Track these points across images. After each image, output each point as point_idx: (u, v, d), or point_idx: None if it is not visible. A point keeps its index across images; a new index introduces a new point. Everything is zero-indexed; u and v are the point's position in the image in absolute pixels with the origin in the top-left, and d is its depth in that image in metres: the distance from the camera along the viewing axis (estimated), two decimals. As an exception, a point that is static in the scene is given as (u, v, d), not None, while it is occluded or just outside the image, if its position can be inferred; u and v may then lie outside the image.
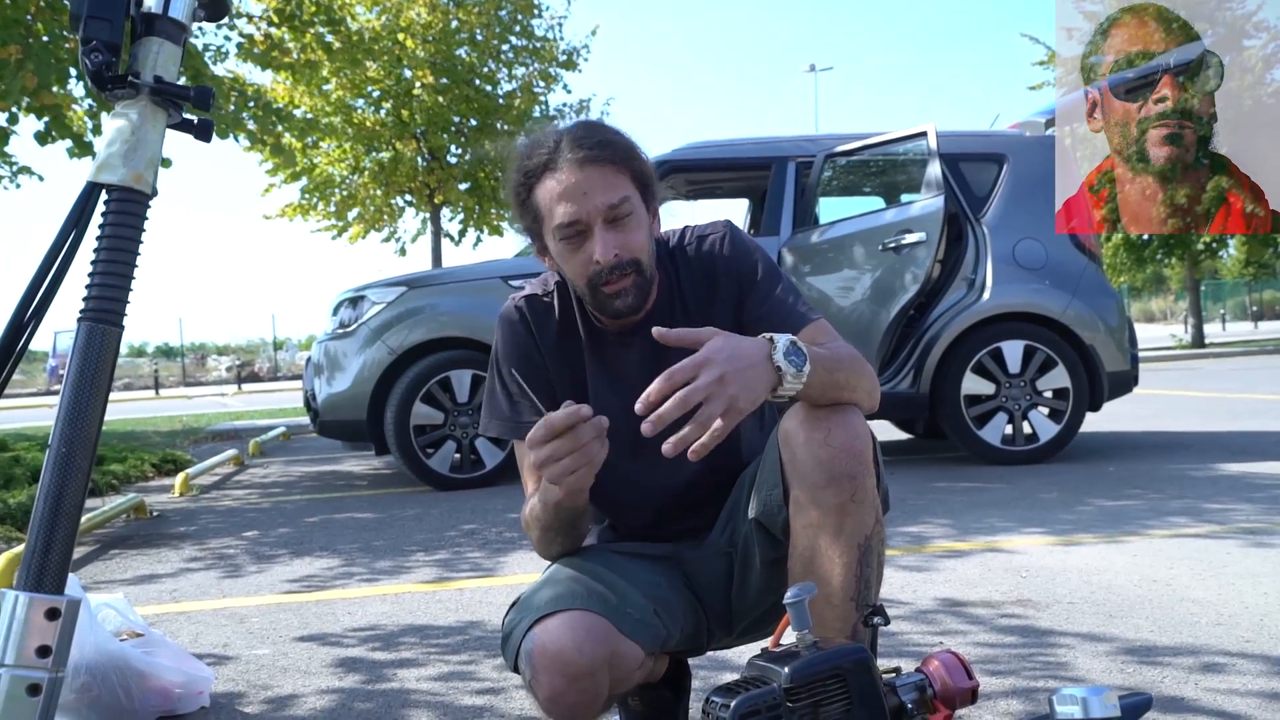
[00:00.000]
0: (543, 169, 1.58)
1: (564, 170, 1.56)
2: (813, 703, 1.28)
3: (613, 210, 1.55)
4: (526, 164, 1.61)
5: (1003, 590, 2.91)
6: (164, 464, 7.30)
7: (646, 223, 1.62)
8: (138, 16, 1.03)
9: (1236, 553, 3.22)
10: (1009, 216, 5.59)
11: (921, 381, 5.44)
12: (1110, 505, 4.16)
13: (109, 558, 4.17)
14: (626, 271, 1.56)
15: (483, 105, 14.18)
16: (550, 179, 1.57)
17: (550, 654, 1.47)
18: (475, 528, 4.34)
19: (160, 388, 29.03)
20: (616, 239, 1.55)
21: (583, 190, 1.54)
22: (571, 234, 1.56)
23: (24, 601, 0.94)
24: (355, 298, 5.70)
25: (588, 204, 1.54)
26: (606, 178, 1.56)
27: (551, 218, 1.57)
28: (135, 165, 1.01)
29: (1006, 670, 2.22)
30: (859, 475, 1.45)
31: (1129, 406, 7.24)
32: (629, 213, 1.57)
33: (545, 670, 1.47)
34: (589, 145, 1.57)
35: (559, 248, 1.59)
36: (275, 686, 2.39)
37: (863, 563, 1.47)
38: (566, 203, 1.55)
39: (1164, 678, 2.13)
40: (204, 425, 11.63)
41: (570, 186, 1.55)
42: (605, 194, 1.55)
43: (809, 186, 5.81)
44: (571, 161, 1.56)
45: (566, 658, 1.46)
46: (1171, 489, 4.47)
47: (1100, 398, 5.53)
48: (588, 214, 1.55)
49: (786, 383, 1.36)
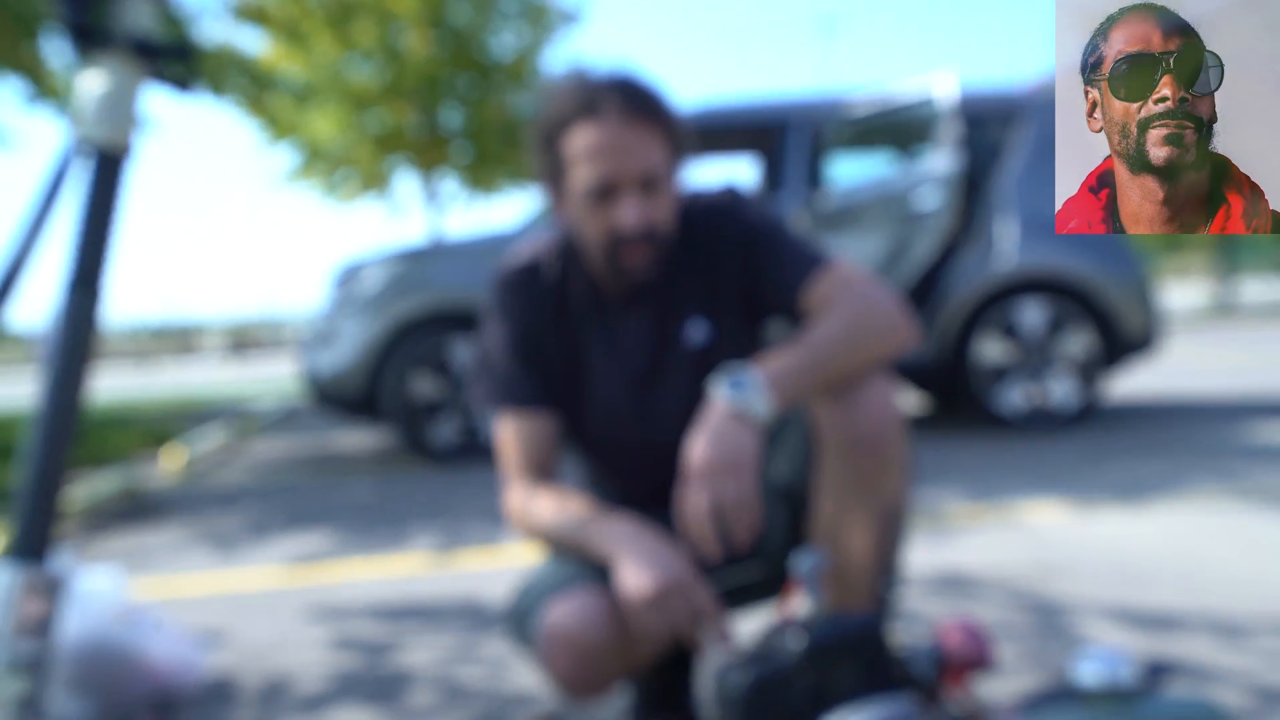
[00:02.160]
0: (577, 113, 1.52)
1: (605, 122, 1.51)
2: (826, 671, 1.29)
3: (647, 175, 1.52)
4: (561, 105, 1.54)
5: (1021, 559, 2.92)
6: (156, 440, 7.33)
7: (673, 193, 1.59)
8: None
9: (1262, 518, 3.22)
10: (1028, 175, 5.56)
11: (936, 347, 5.43)
12: (1131, 471, 4.16)
13: (102, 534, 4.19)
14: (650, 241, 1.54)
15: (479, 66, 14.07)
16: (588, 128, 1.51)
17: (565, 635, 1.48)
18: (476, 502, 4.36)
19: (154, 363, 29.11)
20: (646, 207, 1.53)
21: (621, 148, 1.50)
22: (600, 192, 1.52)
23: (12, 573, 0.95)
24: (353, 270, 5.70)
25: (625, 165, 1.50)
26: (645, 140, 1.52)
27: (579, 170, 1.53)
28: (114, 125, 1.01)
29: (1024, 641, 2.23)
30: (886, 441, 1.46)
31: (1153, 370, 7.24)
32: (662, 180, 1.54)
33: (559, 651, 1.48)
34: (636, 102, 1.52)
35: (581, 203, 1.55)
36: (272, 665, 2.41)
37: (887, 531, 1.48)
38: (600, 158, 1.50)
39: (1189, 649, 2.13)
40: (199, 401, 11.67)
41: (607, 142, 1.50)
42: (644, 158, 1.51)
43: (820, 145, 5.78)
44: (614, 114, 1.51)
45: (582, 638, 1.47)
46: (1197, 454, 4.47)
47: (1121, 361, 5.52)
48: (620, 176, 1.51)
49: (754, 405, 1.38)
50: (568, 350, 1.69)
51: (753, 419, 1.37)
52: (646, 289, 1.66)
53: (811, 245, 1.63)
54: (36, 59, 5.95)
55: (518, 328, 1.68)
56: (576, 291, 1.69)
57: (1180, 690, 1.89)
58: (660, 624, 1.37)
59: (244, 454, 6.95)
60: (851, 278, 1.56)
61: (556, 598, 1.51)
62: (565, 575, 1.55)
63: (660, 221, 1.56)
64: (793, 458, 1.58)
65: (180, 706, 2.15)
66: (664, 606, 1.36)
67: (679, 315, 1.66)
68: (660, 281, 1.66)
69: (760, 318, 1.67)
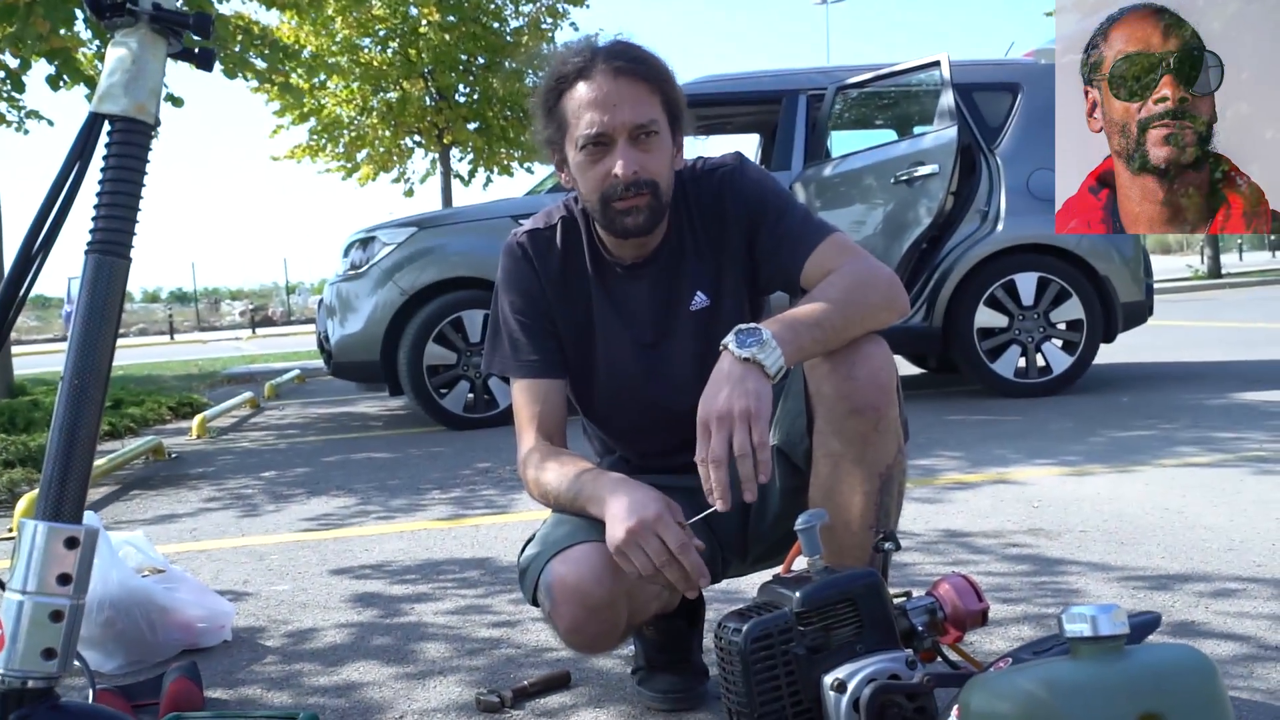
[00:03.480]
0: (576, 75, 1.55)
1: (597, 78, 1.53)
2: (824, 626, 1.30)
3: (640, 129, 1.53)
4: (561, 69, 1.57)
5: (1014, 520, 2.92)
6: (181, 407, 7.37)
7: (670, 150, 1.59)
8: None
9: (1249, 480, 3.22)
10: (1023, 147, 5.51)
11: (934, 315, 5.42)
12: (1122, 436, 4.16)
13: (129, 498, 4.22)
14: (643, 191, 1.54)
15: (490, 42, 13.99)
16: (582, 85, 1.54)
17: (570, 586, 1.49)
18: (489, 465, 4.38)
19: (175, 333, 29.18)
20: (638, 157, 1.53)
21: (613, 102, 1.51)
22: (595, 144, 1.53)
23: (43, 531, 0.95)
24: (366, 239, 5.69)
25: (617, 117, 1.51)
26: (639, 95, 1.53)
27: (577, 126, 1.54)
28: (137, 95, 1.00)
29: (1017, 597, 2.24)
30: (882, 406, 1.46)
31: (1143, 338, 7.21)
32: (655, 134, 1.55)
33: (565, 602, 1.49)
34: (626, 59, 1.54)
35: (579, 157, 1.56)
36: (295, 621, 2.43)
37: (883, 491, 1.48)
38: (595, 111, 1.52)
39: (1175, 602, 2.14)
40: (219, 369, 11.71)
41: (602, 96, 1.52)
42: (635, 111, 1.52)
43: (820, 119, 5.73)
44: (606, 71, 1.53)
45: (586, 589, 1.48)
46: (1184, 419, 4.47)
47: (1114, 329, 5.51)
48: (614, 127, 1.52)
49: (767, 358, 1.36)
50: (577, 316, 1.69)
51: (764, 369, 1.36)
52: (654, 256, 1.66)
53: (814, 218, 1.63)
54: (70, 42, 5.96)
55: (527, 297, 1.68)
56: (584, 259, 1.68)
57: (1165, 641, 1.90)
58: (638, 560, 1.37)
59: (264, 419, 6.98)
60: (851, 250, 1.57)
61: (561, 554, 1.52)
62: (568, 532, 1.55)
63: (655, 172, 1.55)
64: (793, 419, 1.58)
65: (207, 659, 2.17)
66: (638, 544, 1.36)
67: (684, 281, 1.66)
68: (666, 248, 1.66)
69: (762, 286, 1.67)
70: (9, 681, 0.94)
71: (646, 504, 1.39)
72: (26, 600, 0.94)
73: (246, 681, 2.04)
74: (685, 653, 1.82)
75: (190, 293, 39.37)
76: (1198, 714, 0.98)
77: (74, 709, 0.97)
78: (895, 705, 1.24)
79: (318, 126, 14.21)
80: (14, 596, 0.95)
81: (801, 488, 1.54)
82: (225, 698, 1.96)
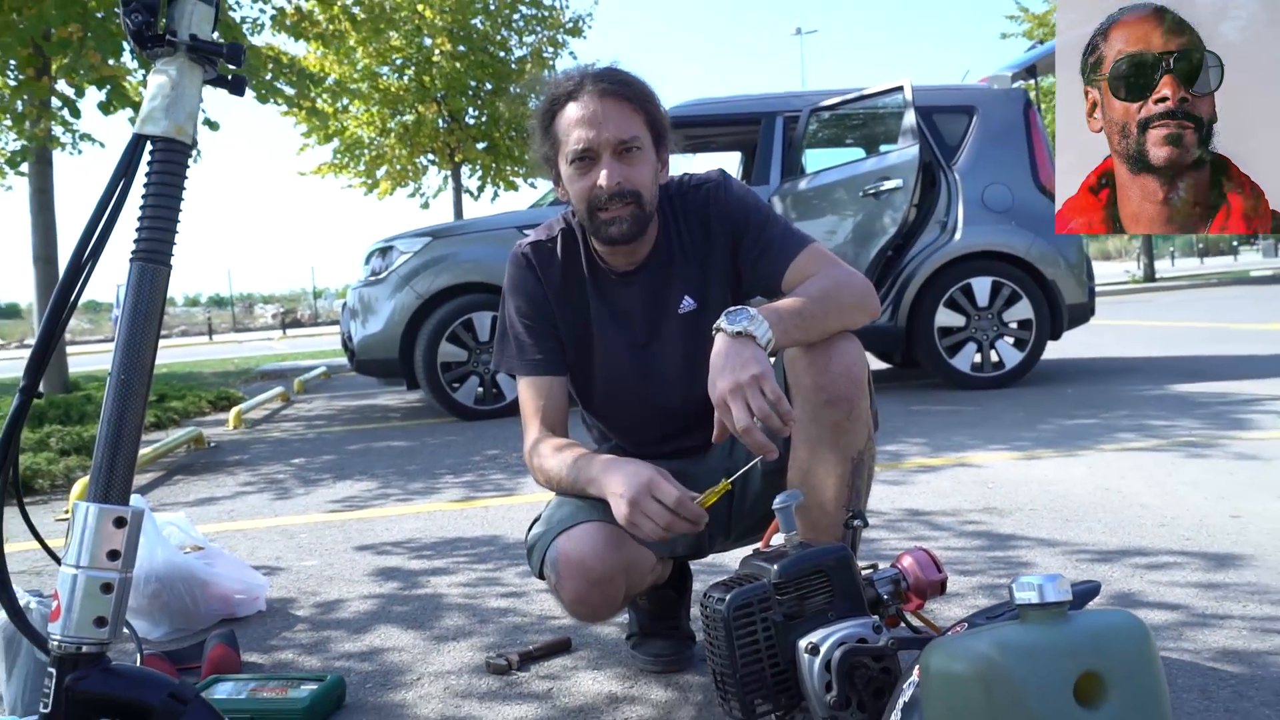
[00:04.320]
0: (567, 97, 1.56)
1: (585, 99, 1.54)
2: (799, 595, 1.30)
3: (623, 144, 1.53)
4: (553, 92, 1.58)
5: (971, 500, 2.93)
6: (219, 401, 7.34)
7: (653, 165, 1.59)
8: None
9: (1180, 463, 3.23)
10: (978, 164, 5.52)
11: (899, 315, 5.43)
12: (1068, 423, 4.17)
13: (172, 483, 4.21)
14: (626, 201, 1.54)
15: (497, 70, 13.96)
16: (572, 106, 1.55)
17: (574, 561, 1.49)
18: (497, 453, 4.37)
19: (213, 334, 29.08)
20: (622, 170, 1.53)
21: (599, 120, 1.52)
22: (583, 159, 1.54)
23: (94, 512, 0.95)
24: (385, 248, 5.68)
25: (602, 134, 1.52)
26: (623, 113, 1.54)
27: (567, 142, 1.55)
28: (176, 117, 1.00)
29: (974, 569, 2.25)
30: (854, 397, 1.46)
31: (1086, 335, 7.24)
32: (638, 149, 1.55)
33: (569, 576, 1.49)
34: (611, 81, 1.55)
35: (569, 171, 1.57)
36: (323, 593, 2.43)
37: (855, 474, 1.48)
38: (582, 128, 1.53)
39: (1114, 573, 2.15)
40: (253, 366, 11.68)
41: (589, 114, 1.53)
42: (619, 127, 1.53)
43: (796, 139, 5.74)
44: (592, 92, 1.54)
45: (588, 564, 1.48)
46: (1123, 408, 4.48)
47: (1060, 328, 5.52)
48: (599, 142, 1.52)
49: (757, 329, 1.36)
50: (576, 319, 1.69)
51: (756, 339, 1.36)
52: (645, 263, 1.65)
53: (793, 230, 1.63)
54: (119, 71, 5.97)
55: (532, 302, 1.68)
56: (582, 267, 1.68)
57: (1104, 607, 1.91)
58: (646, 526, 1.37)
59: (294, 412, 6.96)
60: (828, 258, 1.57)
61: (566, 532, 1.52)
62: (570, 513, 1.56)
63: (637, 183, 1.55)
64: None
65: (244, 627, 2.16)
66: (641, 512, 1.36)
67: (673, 287, 1.66)
68: (656, 257, 1.66)
69: (745, 292, 1.67)
70: (65, 646, 0.94)
71: (639, 473, 1.40)
72: (80, 574, 0.94)
73: (279, 647, 2.04)
74: (675, 620, 1.82)
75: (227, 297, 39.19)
76: (1132, 672, 0.99)
77: (124, 671, 0.97)
78: (863, 666, 1.24)
79: (341, 146, 14.15)
80: (69, 570, 0.95)
81: (780, 471, 1.54)
82: (260, 662, 1.96)
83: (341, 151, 14.22)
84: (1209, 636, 1.75)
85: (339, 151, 14.21)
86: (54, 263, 6.87)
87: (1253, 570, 2.10)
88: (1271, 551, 2.22)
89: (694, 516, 1.37)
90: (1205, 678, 1.58)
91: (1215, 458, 3.28)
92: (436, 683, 1.79)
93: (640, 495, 1.37)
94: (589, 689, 1.72)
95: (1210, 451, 3.38)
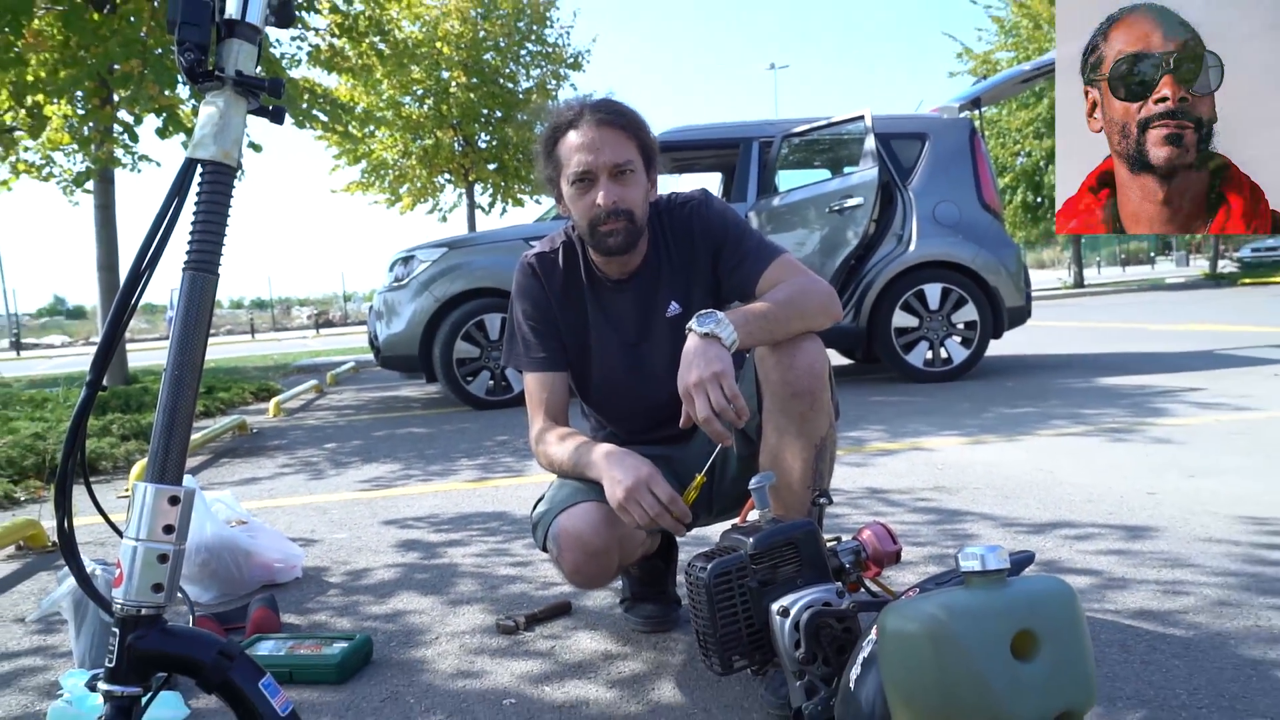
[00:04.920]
0: (568, 125, 1.56)
1: (584, 127, 1.54)
2: (772, 565, 1.30)
3: (618, 168, 1.53)
4: (556, 121, 1.58)
5: (923, 480, 2.94)
6: (260, 392, 7.32)
7: (644, 185, 1.59)
8: (221, 22, 1.01)
9: (1104, 447, 3.25)
10: (930, 184, 5.53)
11: (860, 317, 5.44)
12: (1008, 412, 4.18)
13: (219, 465, 4.20)
14: (620, 218, 1.54)
15: (506, 100, 13.94)
16: (573, 133, 1.55)
17: (573, 536, 1.49)
18: (506, 439, 4.37)
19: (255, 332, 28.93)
20: (617, 190, 1.54)
21: (597, 146, 1.52)
22: (582, 180, 1.54)
23: (151, 491, 0.95)
24: (407, 257, 5.66)
25: (599, 158, 1.52)
26: (618, 140, 1.54)
27: (569, 165, 1.55)
28: (224, 143, 1.00)
29: (925, 540, 2.26)
30: (817, 391, 1.46)
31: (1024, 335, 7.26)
32: (631, 172, 1.55)
33: (569, 549, 1.50)
34: (607, 111, 1.55)
35: (571, 191, 1.57)
36: (352, 562, 2.43)
37: (818, 458, 1.48)
38: (582, 154, 1.53)
39: (1046, 543, 2.16)
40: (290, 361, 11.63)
41: (588, 141, 1.53)
42: (614, 153, 1.53)
43: (770, 161, 5.73)
44: (591, 121, 1.54)
45: (586, 539, 1.48)
46: (1056, 398, 4.50)
47: (1001, 328, 5.53)
48: (597, 166, 1.53)
49: (723, 331, 1.38)
50: (576, 321, 1.69)
51: (721, 340, 1.37)
52: (637, 273, 1.66)
53: (767, 242, 1.63)
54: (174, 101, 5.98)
55: (537, 306, 1.68)
56: (580, 276, 1.69)
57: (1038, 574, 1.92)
58: (636, 513, 1.38)
59: (326, 402, 6.94)
60: (797, 268, 1.57)
61: (566, 510, 1.52)
62: (570, 494, 1.56)
63: (631, 202, 1.55)
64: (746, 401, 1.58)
65: (283, 592, 2.16)
66: (635, 500, 1.38)
67: (661, 293, 1.66)
68: (646, 267, 1.66)
69: (724, 297, 1.67)
70: (127, 609, 0.94)
71: (639, 467, 1.40)
72: (139, 546, 0.94)
73: (314, 610, 2.04)
74: (662, 586, 1.83)
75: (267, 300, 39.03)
76: (1061, 630, 1.00)
77: (178, 631, 0.97)
78: (827, 626, 1.25)
79: (368, 167, 14.09)
80: (129, 543, 0.95)
81: (754, 455, 1.55)
82: (298, 622, 1.96)
83: (369, 171, 14.16)
84: (1127, 598, 1.77)
85: (366, 171, 14.16)
86: (115, 270, 6.83)
87: (1165, 540, 2.12)
88: (1181, 524, 2.24)
89: (682, 515, 1.39)
90: (1124, 634, 1.60)
91: (1134, 442, 3.30)
92: (452, 641, 1.79)
93: (637, 485, 1.38)
94: (586, 647, 1.72)
95: (1130, 436, 3.40)
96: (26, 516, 2.84)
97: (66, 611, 1.72)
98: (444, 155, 14.03)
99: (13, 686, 1.71)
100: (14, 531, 2.66)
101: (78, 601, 1.70)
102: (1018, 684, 0.96)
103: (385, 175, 14.29)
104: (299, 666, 1.63)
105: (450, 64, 13.39)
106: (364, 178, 14.25)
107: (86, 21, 5.73)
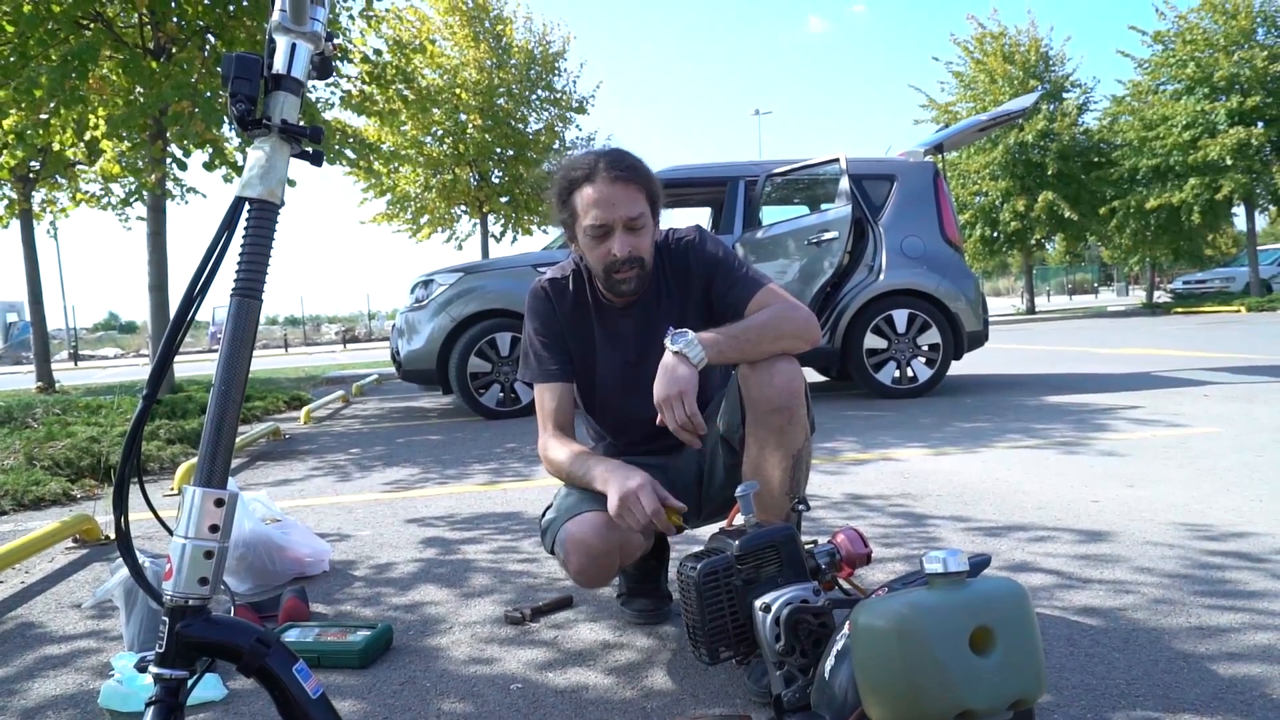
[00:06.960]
0: (584, 179, 1.56)
1: (600, 183, 1.54)
2: (756, 565, 1.31)
3: (632, 221, 1.54)
4: (571, 174, 1.58)
5: (892, 487, 2.94)
6: (292, 401, 7.29)
7: (653, 231, 1.61)
8: (269, 77, 1.02)
9: (1053, 459, 3.26)
10: (898, 220, 5.56)
11: (835, 339, 5.45)
12: (967, 426, 4.19)
13: (255, 468, 4.18)
14: (634, 266, 1.56)
15: (518, 140, 14.00)
16: (589, 187, 1.55)
17: (578, 541, 1.50)
18: (515, 446, 4.37)
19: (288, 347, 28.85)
20: (631, 241, 1.55)
21: (612, 201, 1.53)
22: (599, 232, 1.55)
23: (199, 494, 0.95)
24: (427, 280, 5.67)
25: (615, 212, 1.53)
26: (630, 194, 1.54)
27: (585, 217, 1.55)
28: (269, 183, 1.01)
29: (894, 542, 2.26)
30: (794, 406, 1.47)
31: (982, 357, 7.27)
32: (644, 224, 1.56)
33: (575, 553, 1.50)
34: (620, 168, 1.55)
35: (587, 240, 1.57)
36: (376, 557, 2.42)
37: (795, 468, 1.49)
38: (599, 209, 1.53)
39: (1003, 546, 2.16)
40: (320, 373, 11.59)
41: (603, 197, 1.53)
42: (628, 207, 1.54)
43: (754, 198, 5.76)
44: (606, 178, 1.54)
45: (590, 544, 1.49)
46: (1010, 414, 4.51)
47: (962, 350, 5.54)
48: (613, 220, 1.54)
49: (691, 352, 1.41)
50: (582, 341, 1.70)
51: (689, 359, 1.41)
52: (638, 300, 1.67)
53: (755, 272, 1.65)
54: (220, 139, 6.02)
55: (547, 325, 1.69)
56: (588, 301, 1.70)
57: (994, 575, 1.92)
58: (629, 519, 1.39)
59: (352, 411, 6.92)
60: (782, 296, 1.58)
61: (573, 518, 1.53)
62: (575, 502, 1.56)
63: (643, 251, 1.57)
64: (731, 415, 1.59)
65: (313, 584, 2.15)
66: (628, 507, 1.39)
67: (659, 319, 1.67)
68: (647, 295, 1.67)
69: (715, 322, 1.68)
70: (175, 600, 0.94)
71: (632, 478, 1.41)
72: (188, 544, 0.94)
73: (341, 601, 2.04)
74: (656, 583, 1.83)
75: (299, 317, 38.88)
76: (1015, 626, 1.00)
77: (221, 620, 0.97)
78: (805, 621, 1.25)
79: (393, 200, 14.12)
80: (179, 540, 0.95)
81: (738, 464, 1.55)
82: (326, 612, 1.96)
83: (393, 204, 14.20)
84: (1074, 596, 1.77)
85: (391, 204, 14.19)
86: (165, 290, 6.83)
87: (1108, 544, 2.12)
88: (1122, 529, 2.24)
89: (664, 528, 1.41)
90: (1071, 629, 1.60)
91: (1081, 454, 3.31)
92: (466, 631, 1.79)
93: (630, 495, 1.40)
94: (587, 637, 1.72)
95: (1077, 449, 3.41)
96: (82, 512, 2.83)
97: (118, 600, 1.72)
98: (461, 189, 14.07)
99: (69, 666, 1.70)
100: (71, 526, 2.65)
101: (128, 591, 1.70)
102: (975, 675, 0.96)
103: (408, 207, 14.32)
104: (325, 652, 1.63)
105: (467, 108, 13.46)
106: (389, 209, 14.27)
107: (144, 68, 5.76)
